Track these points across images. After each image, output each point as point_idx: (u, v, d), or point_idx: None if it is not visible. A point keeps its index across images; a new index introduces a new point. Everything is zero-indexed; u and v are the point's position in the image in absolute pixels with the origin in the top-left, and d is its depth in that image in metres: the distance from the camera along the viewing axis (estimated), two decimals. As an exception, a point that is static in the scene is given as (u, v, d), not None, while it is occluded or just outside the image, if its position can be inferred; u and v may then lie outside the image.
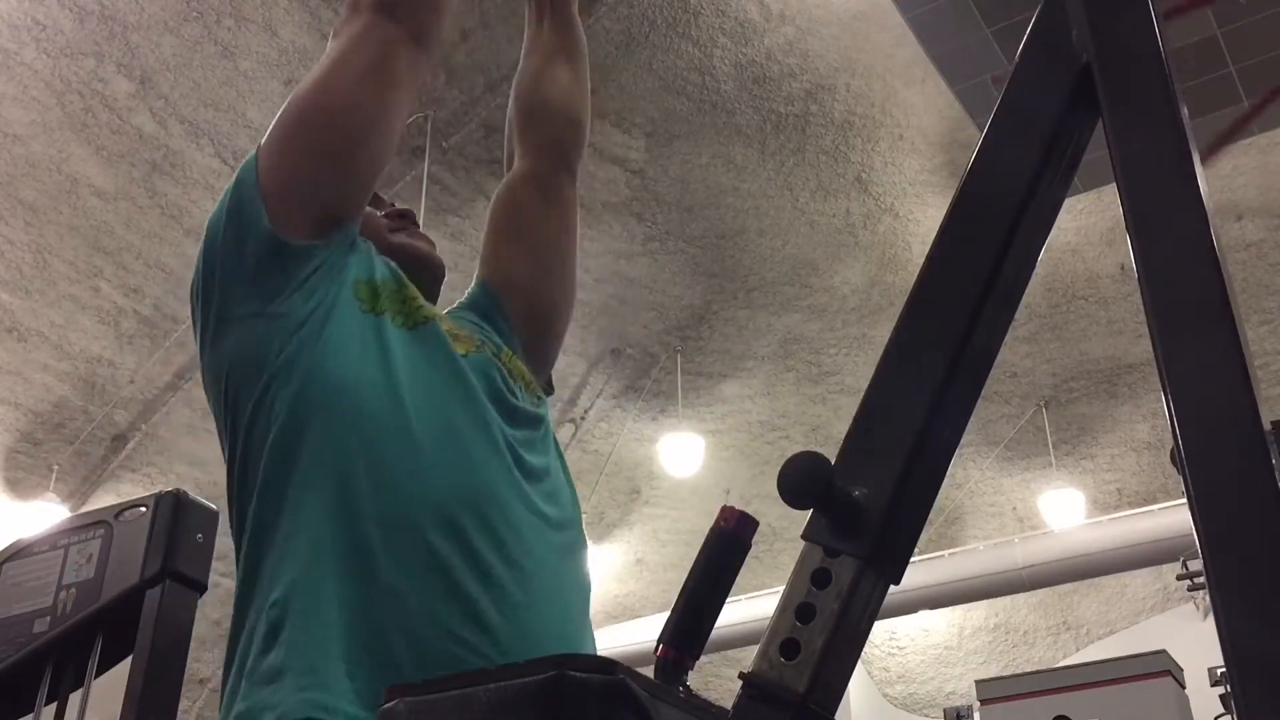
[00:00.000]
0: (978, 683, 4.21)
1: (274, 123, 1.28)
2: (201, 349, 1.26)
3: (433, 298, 1.41)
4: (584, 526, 1.32)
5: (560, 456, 1.35)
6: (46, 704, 1.88)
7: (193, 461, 7.61)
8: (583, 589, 1.27)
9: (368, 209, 1.37)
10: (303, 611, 1.08)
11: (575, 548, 1.27)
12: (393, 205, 1.49)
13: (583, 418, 8.60)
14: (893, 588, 0.88)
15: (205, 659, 7.38)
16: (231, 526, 1.22)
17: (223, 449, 1.25)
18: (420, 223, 1.50)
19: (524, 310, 1.46)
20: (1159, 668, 3.77)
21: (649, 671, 0.79)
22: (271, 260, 1.21)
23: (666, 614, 0.87)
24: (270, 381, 1.18)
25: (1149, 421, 8.92)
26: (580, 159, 1.62)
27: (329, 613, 1.08)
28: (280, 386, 1.17)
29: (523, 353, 1.42)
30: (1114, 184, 0.87)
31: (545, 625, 1.15)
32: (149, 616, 1.83)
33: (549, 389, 1.47)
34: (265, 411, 1.18)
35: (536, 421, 1.32)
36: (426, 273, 1.40)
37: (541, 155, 1.57)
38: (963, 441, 0.94)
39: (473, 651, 1.08)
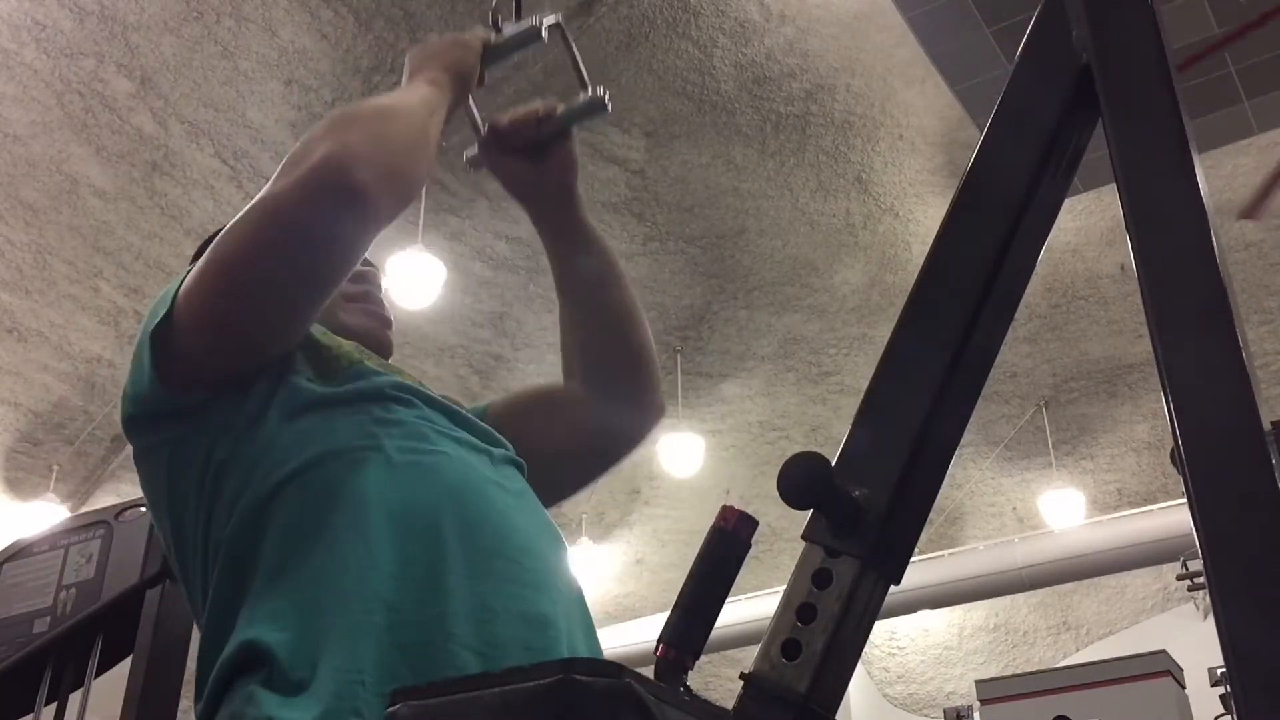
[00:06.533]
0: (978, 683, 4.21)
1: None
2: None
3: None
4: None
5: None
6: (46, 704, 1.88)
7: (193, 461, 7.61)
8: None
9: None
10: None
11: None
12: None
13: (583, 418, 8.59)
14: (893, 588, 0.88)
15: (205, 659, 7.38)
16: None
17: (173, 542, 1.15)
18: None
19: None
20: (1159, 668, 3.77)
21: (649, 672, 0.79)
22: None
23: (666, 614, 0.87)
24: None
25: (1149, 421, 8.92)
26: (654, 389, 1.41)
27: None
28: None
29: None
30: (1114, 184, 0.86)
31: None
32: (149, 616, 1.83)
33: None
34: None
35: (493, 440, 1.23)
36: (371, 346, 1.29)
37: (599, 401, 1.38)
38: (963, 441, 0.94)
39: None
